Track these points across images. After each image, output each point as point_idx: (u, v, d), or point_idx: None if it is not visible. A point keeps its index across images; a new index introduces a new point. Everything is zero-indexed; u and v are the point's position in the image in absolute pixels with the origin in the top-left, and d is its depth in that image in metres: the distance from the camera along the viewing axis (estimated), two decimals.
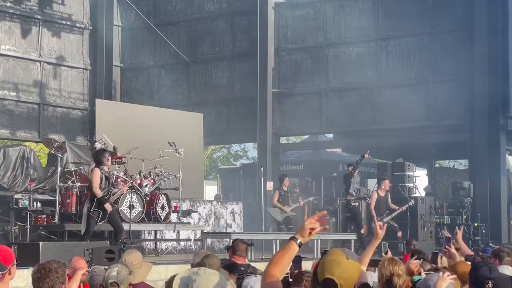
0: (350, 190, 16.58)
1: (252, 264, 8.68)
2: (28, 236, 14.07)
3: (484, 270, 5.18)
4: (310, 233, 3.79)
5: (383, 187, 16.78)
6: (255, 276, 5.07)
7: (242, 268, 7.15)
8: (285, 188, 17.48)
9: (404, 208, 16.94)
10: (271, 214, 17.44)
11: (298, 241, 3.80)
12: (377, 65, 21.07)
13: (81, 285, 6.38)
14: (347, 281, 3.45)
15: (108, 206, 11.93)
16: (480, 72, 19.18)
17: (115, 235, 12.28)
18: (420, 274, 6.08)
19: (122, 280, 5.08)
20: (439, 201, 19.65)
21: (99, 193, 11.86)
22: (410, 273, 6.20)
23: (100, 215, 11.92)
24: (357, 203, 16.84)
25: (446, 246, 8.22)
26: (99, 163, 12.12)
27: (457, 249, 8.24)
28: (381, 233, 5.88)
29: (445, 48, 19.95)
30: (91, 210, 11.88)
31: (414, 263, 6.46)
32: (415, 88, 20.44)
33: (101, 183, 11.95)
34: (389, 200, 16.92)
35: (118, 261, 6.72)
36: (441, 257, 8.17)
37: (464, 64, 19.56)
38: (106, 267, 6.21)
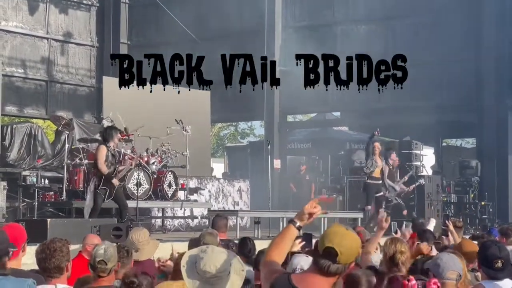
0: (364, 168, 16.61)
1: (259, 241, 8.74)
2: (36, 213, 14.13)
3: (494, 249, 5.18)
4: (309, 217, 3.80)
5: (390, 161, 16.78)
6: (306, 256, 5.05)
7: (222, 243, 7.38)
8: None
9: (411, 188, 16.93)
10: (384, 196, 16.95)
11: (297, 225, 3.82)
12: (385, 44, 20.96)
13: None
14: (347, 249, 3.47)
15: (115, 181, 11.92)
16: (488, 51, 19.08)
17: (120, 213, 12.30)
18: (429, 255, 6.09)
19: (109, 258, 5.05)
20: (446, 179, 19.65)
21: (104, 169, 11.85)
22: (419, 253, 6.22)
23: (107, 193, 11.94)
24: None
25: (446, 222, 8.22)
26: (106, 140, 12.10)
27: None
28: (385, 225, 5.89)
29: (453, 27, 19.83)
30: (99, 188, 11.88)
31: (425, 246, 6.48)
32: (422, 66, 20.32)
33: (106, 160, 11.93)
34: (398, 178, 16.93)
35: (126, 239, 6.75)
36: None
37: (473, 43, 19.45)
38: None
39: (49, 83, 22.56)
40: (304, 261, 4.97)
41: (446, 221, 8.26)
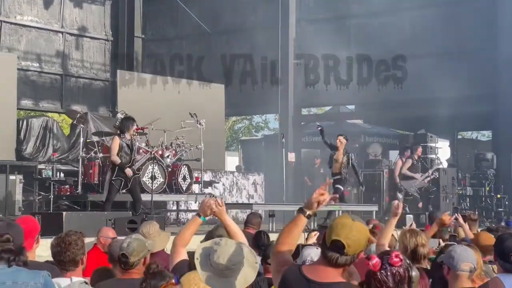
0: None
1: (274, 234, 8.74)
2: (51, 206, 14.19)
3: (510, 242, 5.14)
4: (318, 205, 3.81)
5: (415, 155, 16.73)
6: (316, 248, 5.07)
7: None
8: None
9: (430, 172, 16.87)
10: (404, 188, 16.90)
11: (306, 214, 3.83)
12: (400, 36, 20.87)
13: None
14: (354, 242, 3.48)
15: (128, 171, 11.93)
16: (504, 42, 18.95)
17: (134, 206, 12.33)
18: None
19: (131, 252, 5.07)
20: (462, 172, 19.55)
21: (117, 160, 11.88)
22: (442, 224, 6.35)
23: (122, 183, 11.96)
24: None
25: (456, 215, 8.17)
26: (122, 131, 12.13)
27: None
28: (398, 212, 5.85)
29: (469, 18, 19.71)
30: (113, 178, 11.92)
31: (447, 216, 6.54)
32: (438, 58, 20.23)
33: (121, 150, 11.94)
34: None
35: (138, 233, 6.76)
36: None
37: (488, 34, 19.33)
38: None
39: (64, 77, 22.63)
40: (314, 253, 4.99)
41: (456, 214, 8.20)
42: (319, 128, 15.52)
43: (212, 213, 4.56)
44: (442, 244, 6.03)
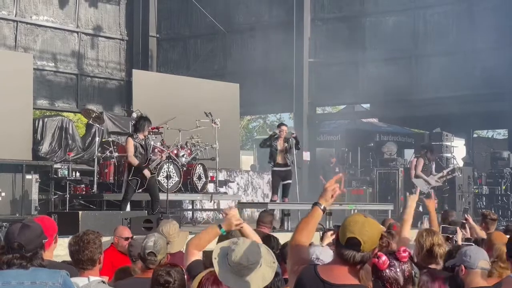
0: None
1: (289, 233, 8.73)
2: (67, 205, 14.25)
3: None
4: (331, 196, 3.82)
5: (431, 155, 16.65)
6: (322, 245, 5.08)
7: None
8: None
9: (445, 173, 16.77)
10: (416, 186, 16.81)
11: (322, 206, 3.83)
12: (414, 34, 20.81)
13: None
14: (369, 237, 3.48)
15: (146, 172, 11.95)
16: None
17: (152, 205, 12.36)
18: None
19: (159, 250, 5.13)
20: (478, 171, 19.46)
21: (134, 161, 11.91)
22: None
23: (139, 183, 12.00)
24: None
25: (466, 216, 8.14)
26: (137, 130, 12.15)
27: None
28: (412, 203, 5.84)
29: (483, 15, 19.60)
30: (129, 178, 11.97)
31: (432, 200, 6.63)
32: (453, 56, 20.15)
33: (135, 151, 11.98)
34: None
35: (156, 231, 6.77)
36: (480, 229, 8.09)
37: (503, 31, 19.22)
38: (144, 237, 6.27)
39: (79, 77, 22.73)
40: (319, 251, 4.99)
41: (465, 215, 8.18)
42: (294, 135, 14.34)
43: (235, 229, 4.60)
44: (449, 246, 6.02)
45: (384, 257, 3.40)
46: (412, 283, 3.46)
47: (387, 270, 3.40)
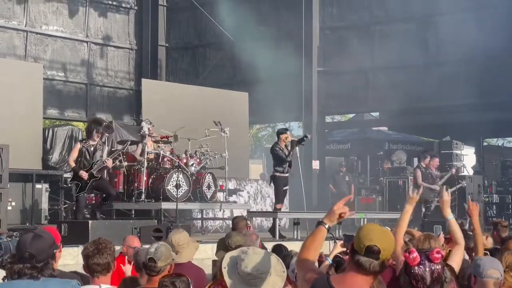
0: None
1: (299, 242, 8.72)
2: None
3: None
4: (339, 217, 3.83)
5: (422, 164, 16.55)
6: (329, 256, 5.06)
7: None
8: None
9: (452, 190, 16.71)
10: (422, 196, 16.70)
11: (326, 226, 3.85)
12: (424, 43, 20.77)
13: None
14: (387, 246, 3.50)
15: (82, 173, 11.98)
16: None
17: (104, 198, 12.61)
18: None
19: (160, 257, 5.09)
20: (488, 180, 19.38)
21: (71, 164, 12.17)
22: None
23: (79, 187, 12.13)
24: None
25: (468, 212, 8.05)
26: (87, 135, 12.34)
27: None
28: (415, 197, 5.72)
29: (495, 24, 19.55)
30: (70, 182, 12.25)
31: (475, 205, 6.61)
32: (463, 64, 20.09)
33: (81, 155, 12.04)
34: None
35: (165, 241, 6.76)
36: (486, 237, 8.04)
37: None
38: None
39: (89, 86, 22.81)
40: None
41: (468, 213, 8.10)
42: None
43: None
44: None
45: (415, 254, 3.41)
46: (441, 286, 3.45)
47: (415, 267, 3.41)
